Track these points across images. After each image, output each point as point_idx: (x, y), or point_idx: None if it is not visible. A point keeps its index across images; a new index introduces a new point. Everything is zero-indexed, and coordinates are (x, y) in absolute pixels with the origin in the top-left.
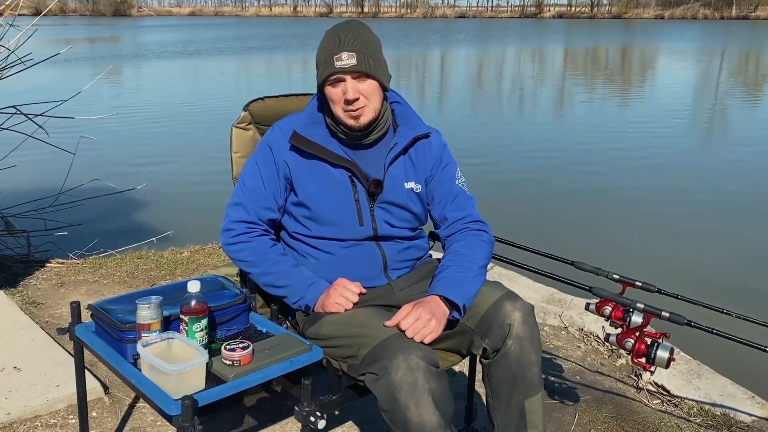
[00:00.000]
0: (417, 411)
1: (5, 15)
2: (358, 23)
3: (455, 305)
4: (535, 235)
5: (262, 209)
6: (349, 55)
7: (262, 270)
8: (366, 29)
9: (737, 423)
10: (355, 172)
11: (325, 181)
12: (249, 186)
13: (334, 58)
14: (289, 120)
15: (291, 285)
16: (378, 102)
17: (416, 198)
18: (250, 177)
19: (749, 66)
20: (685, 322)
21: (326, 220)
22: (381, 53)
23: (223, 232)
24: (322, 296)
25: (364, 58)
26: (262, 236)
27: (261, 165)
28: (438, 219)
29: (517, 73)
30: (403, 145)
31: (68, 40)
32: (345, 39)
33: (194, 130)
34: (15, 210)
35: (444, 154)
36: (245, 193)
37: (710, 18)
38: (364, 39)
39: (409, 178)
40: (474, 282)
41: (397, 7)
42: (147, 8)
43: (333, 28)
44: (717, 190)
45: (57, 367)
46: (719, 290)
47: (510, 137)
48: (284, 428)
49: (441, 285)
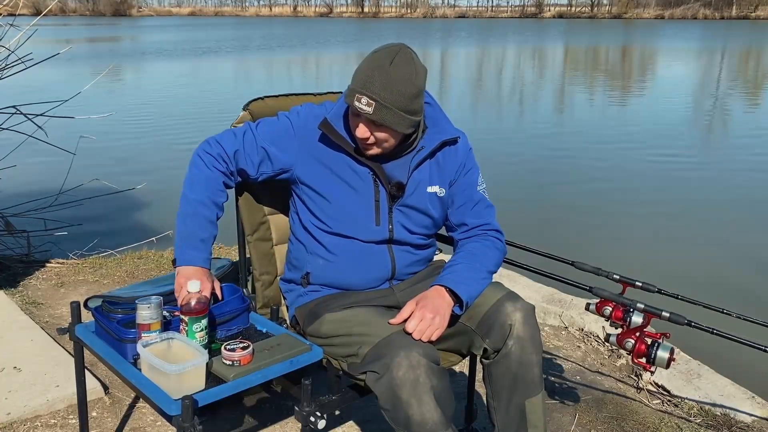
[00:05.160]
0: (419, 408)
1: (3, 14)
2: (401, 60)
3: (459, 300)
4: (535, 235)
5: (243, 156)
6: (368, 102)
7: (190, 198)
8: (404, 71)
9: (737, 423)
10: (378, 172)
11: (347, 175)
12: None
13: (356, 95)
14: (326, 105)
15: (186, 231)
16: (390, 144)
17: (438, 202)
18: (264, 124)
19: (749, 66)
20: (685, 322)
21: (343, 214)
22: (409, 99)
23: (205, 141)
24: (187, 271)
25: (382, 110)
26: (222, 174)
27: (282, 128)
28: (456, 223)
29: (517, 72)
30: (430, 149)
31: (68, 40)
32: (373, 80)
33: (194, 129)
34: (15, 210)
35: (468, 159)
36: (247, 134)
37: (710, 18)
38: (394, 85)
39: (434, 182)
40: (481, 283)
41: (397, 7)
42: (147, 8)
43: (375, 56)
44: (717, 191)
45: (57, 367)
46: (719, 290)
47: (510, 137)
48: (284, 428)
49: (449, 278)
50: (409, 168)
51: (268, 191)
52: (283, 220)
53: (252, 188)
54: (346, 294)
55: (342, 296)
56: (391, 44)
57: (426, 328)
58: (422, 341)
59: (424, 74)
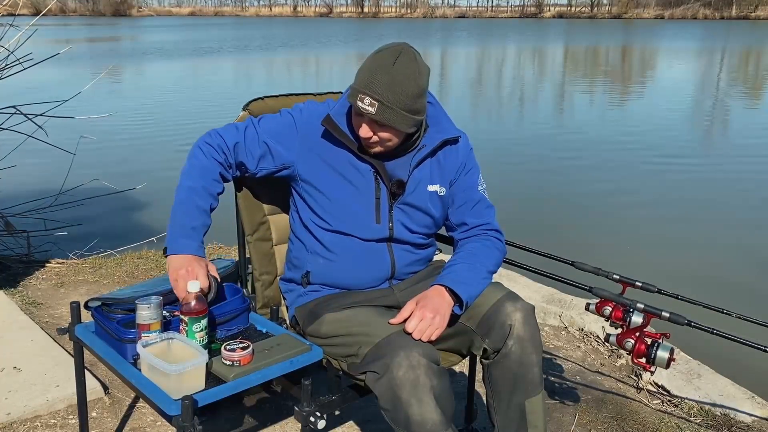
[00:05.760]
0: (419, 408)
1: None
2: (404, 59)
3: (459, 300)
4: (535, 235)
5: (243, 149)
6: (372, 102)
7: (184, 185)
8: (407, 71)
9: (737, 423)
10: (379, 169)
11: (349, 172)
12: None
13: (359, 95)
14: (325, 104)
15: (177, 219)
16: (393, 144)
17: (438, 201)
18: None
19: (749, 66)
20: (685, 322)
21: (343, 211)
22: (412, 99)
23: (206, 133)
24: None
25: (385, 110)
26: (219, 164)
27: (285, 124)
28: (455, 223)
29: (517, 72)
30: (431, 147)
31: (68, 40)
32: (377, 80)
33: (194, 129)
34: (15, 210)
35: (469, 159)
36: (249, 128)
37: (710, 18)
38: (397, 86)
39: (434, 181)
40: (481, 283)
41: (397, 7)
42: (147, 8)
43: (378, 56)
44: (718, 191)
45: (57, 367)
46: (719, 290)
47: (510, 137)
48: (284, 428)
49: (450, 277)
50: (409, 166)
51: (268, 191)
52: (283, 220)
53: (252, 188)
54: (346, 294)
55: (342, 296)
56: (394, 44)
57: (426, 327)
58: (422, 341)
59: (427, 74)
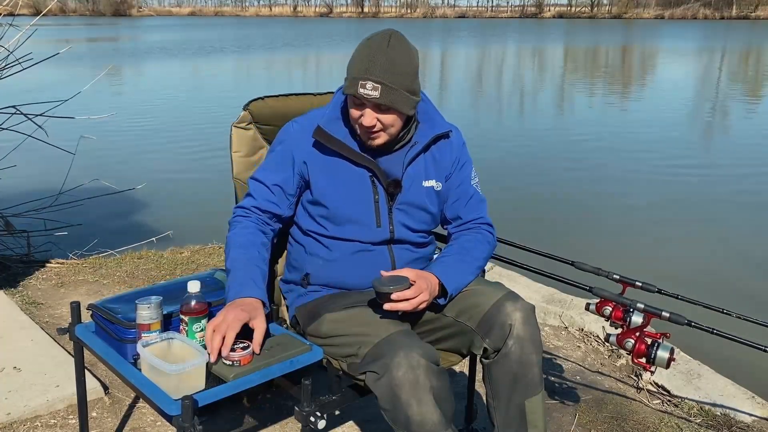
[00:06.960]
0: (418, 409)
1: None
2: (396, 42)
3: (444, 292)
4: (535, 235)
5: (264, 201)
6: (374, 86)
7: (229, 256)
8: (401, 51)
9: (737, 423)
10: (376, 172)
11: (345, 180)
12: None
13: (359, 83)
14: (311, 115)
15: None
16: (396, 129)
17: (435, 196)
18: (263, 168)
19: (749, 66)
20: (686, 322)
21: (343, 219)
22: (411, 79)
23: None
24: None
25: (389, 91)
26: (251, 223)
27: (275, 158)
28: (450, 217)
29: (517, 72)
30: (424, 143)
31: (68, 40)
32: (375, 64)
33: (194, 129)
34: (15, 210)
35: (462, 153)
36: (256, 187)
37: (710, 18)
38: (396, 66)
39: (430, 177)
40: (469, 276)
41: (397, 7)
42: (147, 8)
43: (370, 42)
44: (718, 191)
45: (57, 367)
46: (719, 290)
47: (510, 137)
48: (284, 428)
49: (439, 269)
50: (403, 163)
51: None
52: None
53: None
54: (346, 294)
55: (342, 296)
56: (380, 30)
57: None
58: (420, 340)
59: (417, 55)
